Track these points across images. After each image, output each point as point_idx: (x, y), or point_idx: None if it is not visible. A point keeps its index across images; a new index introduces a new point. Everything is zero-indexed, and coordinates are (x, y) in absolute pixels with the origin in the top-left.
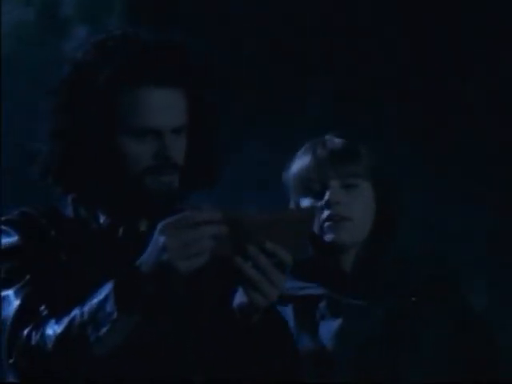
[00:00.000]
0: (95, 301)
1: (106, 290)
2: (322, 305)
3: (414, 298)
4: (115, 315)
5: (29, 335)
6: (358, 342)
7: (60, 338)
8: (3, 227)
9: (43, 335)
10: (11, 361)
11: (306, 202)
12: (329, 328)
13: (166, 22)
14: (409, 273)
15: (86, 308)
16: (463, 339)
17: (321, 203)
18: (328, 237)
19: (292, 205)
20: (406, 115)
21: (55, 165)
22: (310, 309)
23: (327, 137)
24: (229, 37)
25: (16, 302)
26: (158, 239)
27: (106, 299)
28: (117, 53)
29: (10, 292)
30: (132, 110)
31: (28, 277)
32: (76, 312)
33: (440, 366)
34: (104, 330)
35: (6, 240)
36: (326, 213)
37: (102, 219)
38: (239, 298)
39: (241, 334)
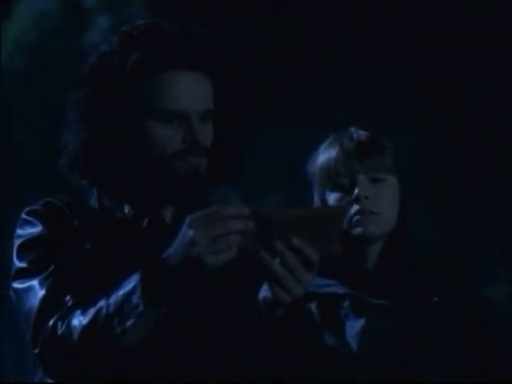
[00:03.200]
0: (121, 292)
1: (132, 282)
2: (346, 304)
3: (435, 298)
4: (141, 308)
5: (54, 326)
6: (380, 341)
7: (86, 329)
8: (27, 217)
9: (69, 326)
10: (37, 351)
11: (333, 196)
12: (352, 327)
13: (186, 11)
14: (429, 272)
15: (112, 300)
16: (481, 339)
17: (349, 198)
18: (356, 230)
19: (316, 197)
20: (425, 110)
21: (82, 155)
22: (333, 307)
23: (352, 129)
24: (251, 26)
25: (41, 293)
26: (187, 233)
27: (132, 291)
28: (142, 40)
29: (34, 282)
30: (159, 94)
31: (52, 267)
32: (102, 303)
33: (459, 365)
34: (130, 322)
35: (30, 230)
36: (354, 207)
37: (126, 209)
38: (264, 292)
39: (265, 328)
